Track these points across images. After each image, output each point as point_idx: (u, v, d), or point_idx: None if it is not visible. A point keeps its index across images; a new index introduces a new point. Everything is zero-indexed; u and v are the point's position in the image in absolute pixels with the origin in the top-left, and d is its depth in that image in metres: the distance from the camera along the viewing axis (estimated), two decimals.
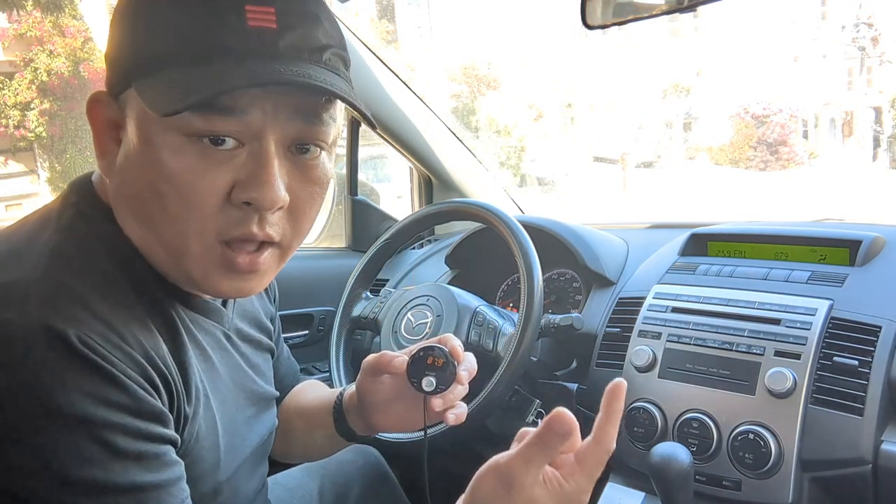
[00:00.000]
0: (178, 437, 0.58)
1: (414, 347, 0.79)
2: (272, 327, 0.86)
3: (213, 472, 0.66)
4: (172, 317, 0.62)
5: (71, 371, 0.50)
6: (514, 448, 0.56)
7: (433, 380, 0.76)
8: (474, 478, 0.58)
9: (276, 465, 1.08)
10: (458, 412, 0.76)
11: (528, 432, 0.58)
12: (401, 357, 0.78)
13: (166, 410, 0.57)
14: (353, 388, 0.85)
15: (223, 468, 0.68)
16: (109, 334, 0.53)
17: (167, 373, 0.58)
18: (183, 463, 0.58)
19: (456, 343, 0.77)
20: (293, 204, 0.60)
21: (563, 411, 0.54)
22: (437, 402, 0.75)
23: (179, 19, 0.55)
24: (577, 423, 0.54)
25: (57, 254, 0.56)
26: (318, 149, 0.61)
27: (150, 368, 0.55)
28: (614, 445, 0.58)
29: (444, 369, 0.76)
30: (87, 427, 0.50)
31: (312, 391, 0.97)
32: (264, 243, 0.60)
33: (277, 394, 0.82)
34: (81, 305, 0.53)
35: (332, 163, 0.64)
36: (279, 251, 0.63)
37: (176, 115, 0.53)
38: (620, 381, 0.56)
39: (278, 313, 0.93)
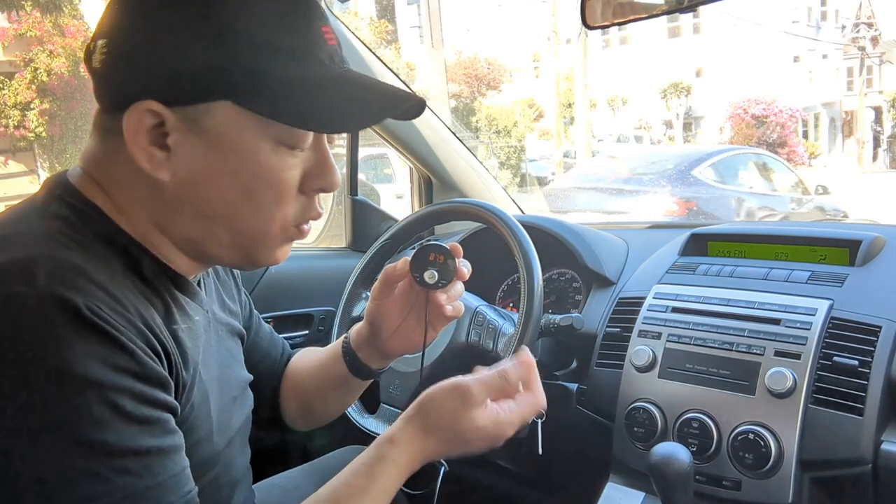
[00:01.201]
0: (178, 405, 0.60)
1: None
2: (240, 311, 0.88)
3: (207, 442, 0.68)
4: (163, 293, 0.65)
5: (81, 337, 0.51)
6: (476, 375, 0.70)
7: (435, 272, 0.80)
8: (429, 390, 0.71)
9: (274, 466, 1.08)
10: (456, 305, 0.84)
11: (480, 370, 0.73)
12: (402, 260, 0.83)
13: (168, 377, 0.59)
14: (357, 327, 0.90)
15: (216, 440, 0.70)
16: (112, 303, 0.55)
17: (165, 341, 0.60)
18: (182, 434, 0.59)
19: (454, 242, 0.82)
20: None
21: (530, 358, 0.72)
22: (441, 297, 0.81)
23: (272, 34, 0.59)
24: (534, 365, 0.72)
25: (51, 235, 0.58)
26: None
27: (150, 336, 0.58)
28: (545, 400, 0.73)
29: (445, 264, 0.80)
30: (99, 390, 0.51)
31: (314, 352, 1.00)
32: None
33: (251, 377, 0.84)
34: (85, 277, 0.54)
35: None
36: None
37: (271, 124, 0.60)
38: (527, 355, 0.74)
39: (274, 313, 0.95)
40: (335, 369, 0.91)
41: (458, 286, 0.82)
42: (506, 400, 0.70)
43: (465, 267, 0.82)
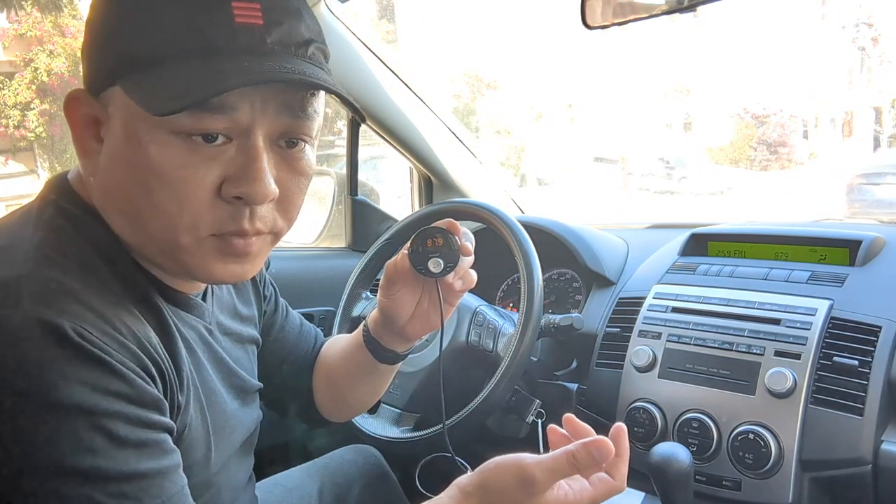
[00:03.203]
0: (174, 424, 0.59)
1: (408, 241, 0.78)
2: (256, 314, 0.86)
3: (204, 463, 0.67)
4: (160, 309, 0.63)
5: (69, 362, 0.50)
6: (545, 456, 0.61)
7: (440, 260, 0.75)
8: (490, 466, 0.63)
9: (275, 466, 1.08)
10: (466, 277, 0.79)
11: (559, 433, 0.67)
12: (401, 255, 0.78)
13: (163, 398, 0.57)
14: (372, 317, 0.87)
15: (214, 460, 0.68)
16: (103, 325, 0.53)
17: (160, 361, 0.58)
18: (179, 453, 0.58)
19: (450, 220, 0.78)
20: (282, 195, 0.61)
21: (607, 441, 0.60)
22: (455, 283, 0.77)
23: (164, 17, 0.55)
24: (613, 453, 0.61)
25: (42, 250, 0.56)
26: (304, 142, 0.62)
27: (144, 357, 0.56)
28: (626, 485, 0.64)
29: (447, 246, 0.75)
30: (88, 417, 0.50)
31: (339, 341, 0.97)
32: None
33: (261, 385, 0.82)
34: (73, 298, 0.53)
35: (314, 154, 0.65)
36: (270, 237, 0.64)
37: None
38: (621, 426, 0.65)
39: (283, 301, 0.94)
40: (361, 358, 0.89)
41: (465, 262, 0.78)
42: (577, 480, 0.63)
43: (467, 242, 0.78)
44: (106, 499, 0.50)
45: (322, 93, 0.62)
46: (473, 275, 0.82)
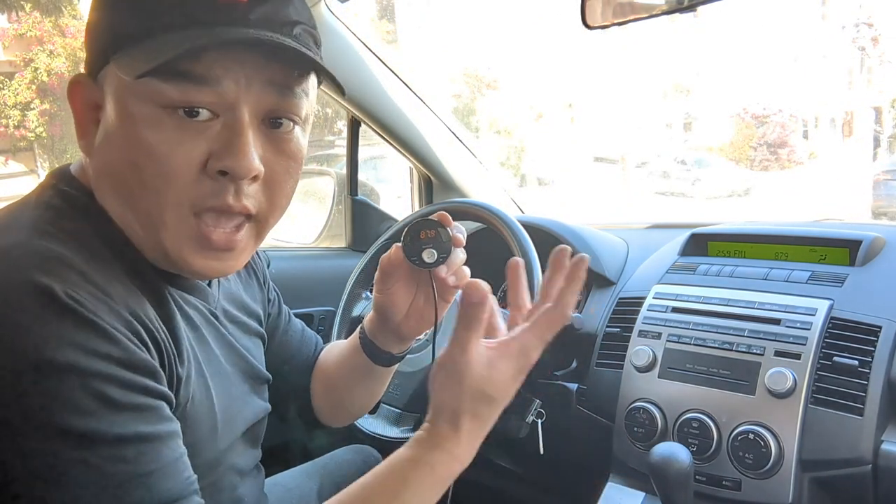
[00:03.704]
0: (171, 395, 0.58)
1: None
2: (262, 313, 0.86)
3: (211, 440, 0.67)
4: (157, 285, 0.63)
5: (60, 324, 0.50)
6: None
7: (433, 250, 0.76)
8: (431, 396, 0.61)
9: (275, 465, 1.08)
10: (459, 273, 0.79)
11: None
12: (394, 247, 0.79)
13: (158, 367, 0.57)
14: (369, 317, 0.87)
15: (221, 437, 0.68)
16: (95, 291, 0.54)
17: (155, 331, 0.58)
18: (178, 422, 0.58)
19: (442, 212, 0.79)
20: (268, 177, 0.61)
21: (472, 282, 0.58)
22: (442, 270, 0.78)
23: None
24: (488, 288, 0.59)
25: (39, 225, 0.57)
26: (292, 122, 0.62)
27: (137, 324, 0.56)
28: (570, 311, 0.63)
29: (439, 238, 0.76)
30: (79, 378, 0.50)
31: (337, 346, 0.97)
32: (241, 219, 0.61)
33: (269, 376, 0.82)
34: (66, 266, 0.54)
35: (305, 139, 0.65)
36: (256, 226, 0.64)
37: (151, 86, 0.55)
38: (564, 248, 0.66)
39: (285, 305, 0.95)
40: (357, 361, 0.89)
41: (458, 254, 0.79)
42: (506, 336, 0.62)
43: (459, 233, 0.79)
44: (101, 462, 0.50)
45: (313, 76, 0.63)
46: (467, 271, 0.82)
